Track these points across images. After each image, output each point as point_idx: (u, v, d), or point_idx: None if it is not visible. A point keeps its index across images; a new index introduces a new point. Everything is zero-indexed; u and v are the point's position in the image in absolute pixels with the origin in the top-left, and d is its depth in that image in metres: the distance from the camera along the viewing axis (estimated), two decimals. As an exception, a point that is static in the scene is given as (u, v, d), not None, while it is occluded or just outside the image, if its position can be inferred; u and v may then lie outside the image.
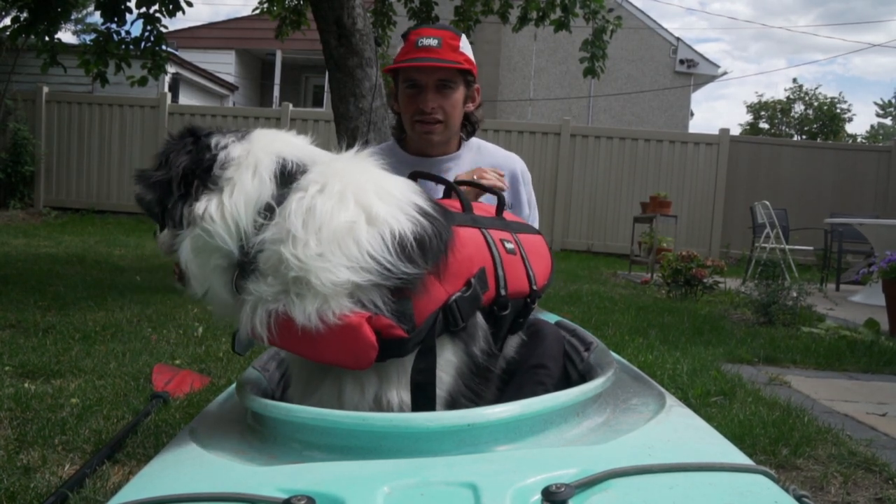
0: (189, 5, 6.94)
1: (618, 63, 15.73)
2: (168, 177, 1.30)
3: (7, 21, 7.46)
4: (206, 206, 1.26)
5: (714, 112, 61.19)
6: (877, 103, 33.51)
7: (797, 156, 11.94)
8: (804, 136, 23.22)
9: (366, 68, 5.37)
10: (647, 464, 1.01)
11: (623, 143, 11.67)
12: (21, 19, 6.77)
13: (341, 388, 1.30)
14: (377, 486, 0.95)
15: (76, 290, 5.02)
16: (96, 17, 17.48)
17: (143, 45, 6.98)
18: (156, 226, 1.41)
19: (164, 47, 7.13)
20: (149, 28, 6.91)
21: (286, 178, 1.29)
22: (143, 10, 6.81)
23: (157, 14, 6.89)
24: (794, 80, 41.64)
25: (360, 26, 5.39)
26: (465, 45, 2.03)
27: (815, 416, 2.78)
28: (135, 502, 0.99)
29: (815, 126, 23.32)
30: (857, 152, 12.67)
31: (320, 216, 1.22)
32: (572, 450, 1.18)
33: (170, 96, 12.49)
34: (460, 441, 1.13)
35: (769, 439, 2.41)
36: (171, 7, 6.84)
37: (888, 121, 31.26)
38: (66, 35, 21.73)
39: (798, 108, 24.62)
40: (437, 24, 2.44)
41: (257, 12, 8.91)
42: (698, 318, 5.22)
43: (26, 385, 2.78)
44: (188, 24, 18.34)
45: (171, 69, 12.71)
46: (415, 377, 1.29)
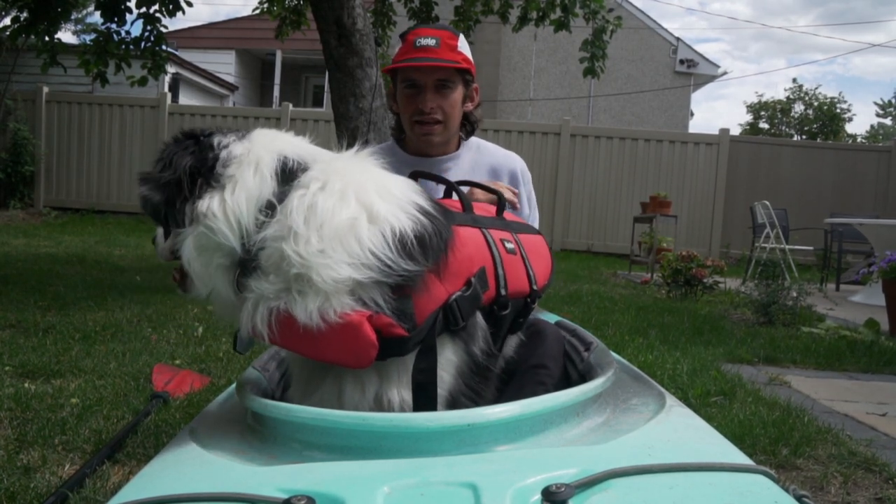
0: (189, 5, 6.94)
1: (618, 63, 15.73)
2: (176, 177, 1.29)
3: (7, 21, 7.47)
4: (208, 204, 1.26)
5: (714, 112, 61.29)
6: (877, 103, 33.54)
7: (797, 156, 11.94)
8: (804, 136, 23.23)
9: (366, 68, 5.37)
10: (647, 464, 1.01)
11: (623, 143, 11.66)
12: (21, 19, 6.77)
13: (342, 388, 1.30)
14: (377, 486, 0.95)
15: (76, 290, 5.02)
16: (96, 17, 17.51)
17: (143, 45, 6.99)
18: (155, 231, 1.41)
19: (164, 47, 7.14)
20: (149, 28, 6.92)
21: (287, 175, 1.29)
22: (143, 10, 6.81)
23: (157, 14, 6.89)
24: (794, 80, 41.75)
25: (360, 26, 5.39)
26: (463, 45, 2.02)
27: (815, 416, 2.78)
28: (135, 502, 0.99)
29: (815, 126, 23.32)
30: (856, 152, 12.67)
31: (322, 213, 1.22)
32: (572, 450, 1.18)
33: (170, 96, 12.48)
34: (460, 441, 1.13)
35: (769, 439, 2.41)
36: (171, 7, 6.84)
37: (888, 121, 31.27)
38: (66, 35, 21.79)
39: (798, 108, 24.63)
40: (434, 24, 2.44)
41: (257, 12, 8.91)
42: (698, 318, 5.22)
43: (26, 385, 2.78)
44: (188, 24, 18.39)
45: (171, 69, 12.72)
46: (416, 376, 1.29)
